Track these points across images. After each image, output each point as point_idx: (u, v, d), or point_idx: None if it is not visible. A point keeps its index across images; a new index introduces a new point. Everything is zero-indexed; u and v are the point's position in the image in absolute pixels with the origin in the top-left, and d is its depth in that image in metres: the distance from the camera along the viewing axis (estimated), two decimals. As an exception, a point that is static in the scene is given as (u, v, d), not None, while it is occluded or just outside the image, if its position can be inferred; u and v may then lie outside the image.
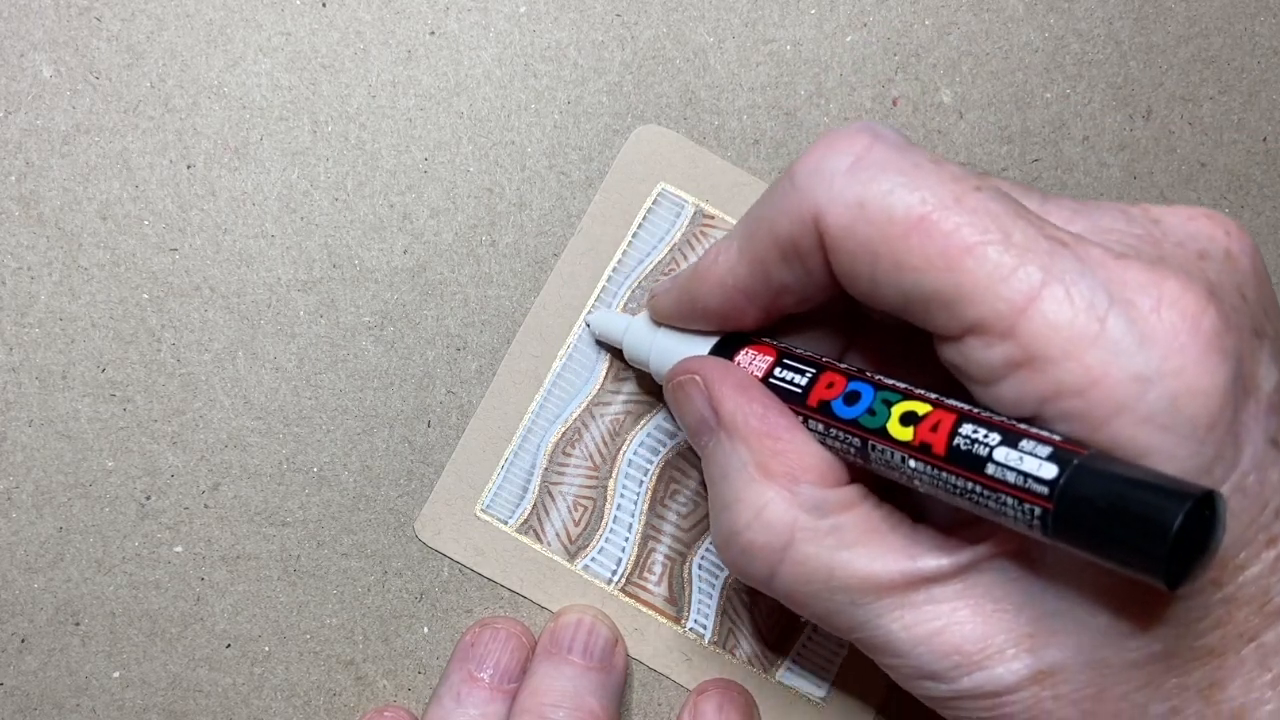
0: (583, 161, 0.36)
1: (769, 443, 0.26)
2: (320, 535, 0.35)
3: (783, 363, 0.28)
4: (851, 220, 0.24)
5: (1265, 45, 0.36)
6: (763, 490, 0.26)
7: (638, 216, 0.35)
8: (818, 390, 0.27)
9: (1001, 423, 0.23)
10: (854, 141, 0.25)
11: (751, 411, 0.27)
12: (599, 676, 0.33)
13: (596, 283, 0.35)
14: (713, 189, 0.35)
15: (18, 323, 0.35)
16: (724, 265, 0.28)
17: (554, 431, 0.35)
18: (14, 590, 0.34)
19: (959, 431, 0.23)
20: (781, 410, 0.27)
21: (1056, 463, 0.22)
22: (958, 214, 0.23)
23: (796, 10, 0.36)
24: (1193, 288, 0.22)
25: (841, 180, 0.24)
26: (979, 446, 0.23)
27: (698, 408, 0.28)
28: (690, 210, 0.35)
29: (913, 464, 0.24)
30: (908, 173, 0.24)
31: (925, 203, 0.23)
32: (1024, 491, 0.22)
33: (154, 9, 0.35)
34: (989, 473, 0.23)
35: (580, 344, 0.35)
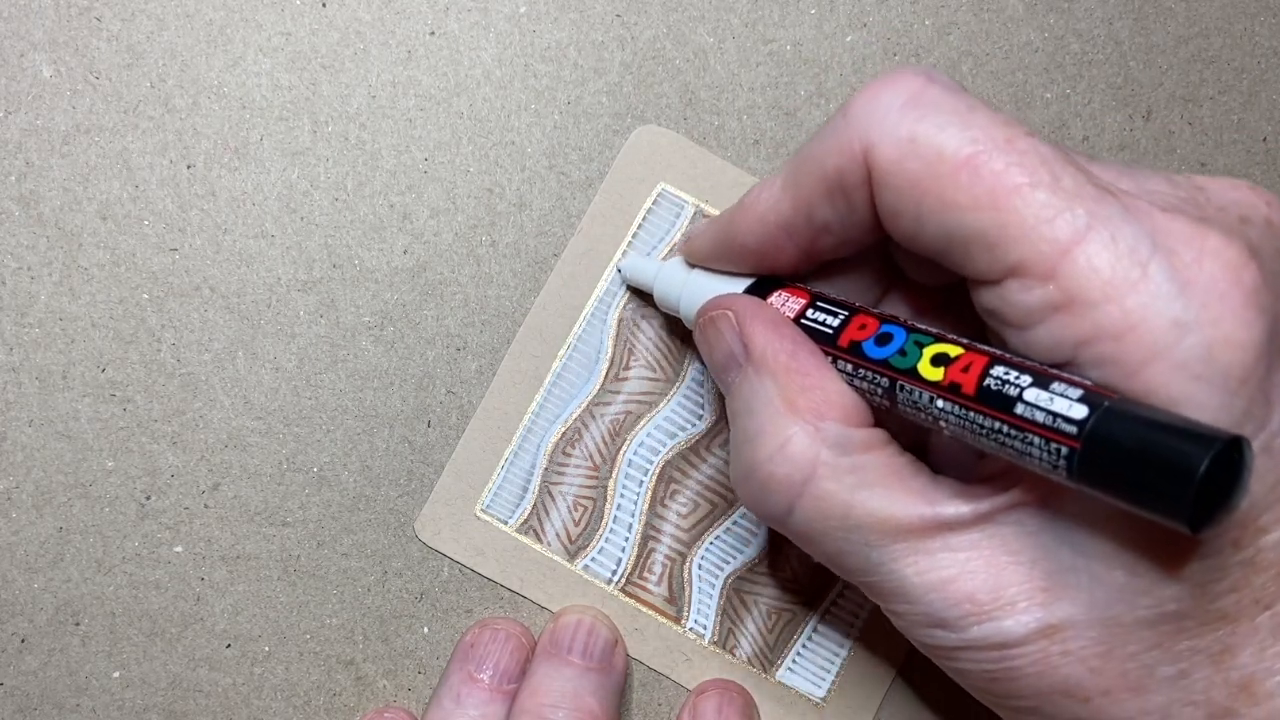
0: (583, 161, 0.36)
1: (797, 379, 0.27)
2: (320, 535, 0.35)
3: (815, 305, 0.28)
4: (901, 155, 0.24)
5: (1265, 45, 0.36)
6: (788, 424, 0.26)
7: (638, 217, 0.35)
8: (849, 331, 0.27)
9: (1033, 366, 0.23)
10: (909, 81, 0.25)
11: (781, 348, 0.27)
12: (598, 677, 0.33)
13: (596, 283, 0.35)
14: (713, 189, 0.35)
15: (18, 323, 0.35)
16: (766, 201, 0.28)
17: (554, 431, 0.35)
18: (14, 590, 0.34)
19: (990, 373, 0.24)
20: (811, 349, 0.27)
21: (1086, 404, 0.22)
22: (1008, 155, 0.23)
23: (796, 10, 0.36)
24: (1235, 244, 0.23)
25: (895, 116, 0.25)
26: (1009, 387, 0.23)
27: (727, 342, 0.28)
28: (690, 210, 0.35)
29: (941, 404, 0.24)
30: (961, 113, 0.24)
31: (976, 142, 0.24)
32: (1052, 431, 0.22)
33: (154, 9, 0.35)
34: (1018, 412, 0.23)
35: (580, 344, 0.35)
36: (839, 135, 0.26)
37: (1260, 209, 0.25)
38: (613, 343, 0.35)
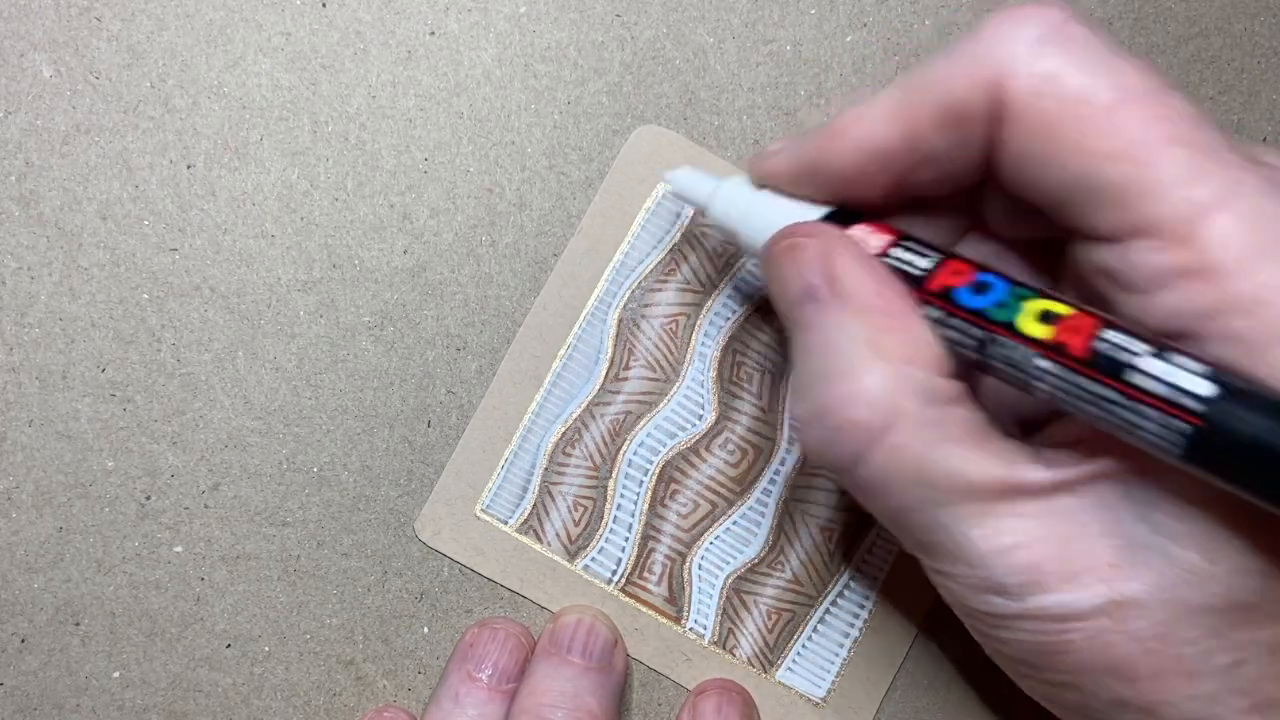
0: (583, 161, 0.36)
1: (885, 319, 0.25)
2: (320, 535, 0.35)
3: (903, 244, 0.26)
4: (1039, 92, 0.23)
5: (1265, 45, 0.36)
6: (872, 365, 0.24)
7: (638, 217, 0.35)
8: (941, 275, 0.25)
9: (1150, 336, 0.22)
10: (1050, 12, 0.24)
11: (871, 283, 0.25)
12: (598, 677, 0.33)
13: (596, 283, 0.35)
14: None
15: (18, 323, 0.35)
16: (867, 125, 0.26)
17: (554, 431, 0.35)
18: (14, 590, 0.34)
19: (1102, 335, 0.22)
20: (901, 290, 0.25)
21: (1213, 380, 0.21)
22: (1155, 107, 0.22)
23: (796, 10, 0.36)
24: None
25: (1034, 48, 0.23)
26: (1123, 353, 0.22)
27: (805, 273, 0.26)
28: (689, 210, 0.35)
29: (1043, 364, 0.23)
30: (1105, 56, 0.23)
31: (1123, 89, 0.22)
32: (1171, 405, 0.21)
33: (154, 9, 0.35)
34: (1133, 381, 0.21)
35: (580, 344, 0.35)
36: (966, 60, 0.24)
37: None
38: (612, 343, 0.35)
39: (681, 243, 0.35)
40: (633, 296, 0.35)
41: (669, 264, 0.35)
